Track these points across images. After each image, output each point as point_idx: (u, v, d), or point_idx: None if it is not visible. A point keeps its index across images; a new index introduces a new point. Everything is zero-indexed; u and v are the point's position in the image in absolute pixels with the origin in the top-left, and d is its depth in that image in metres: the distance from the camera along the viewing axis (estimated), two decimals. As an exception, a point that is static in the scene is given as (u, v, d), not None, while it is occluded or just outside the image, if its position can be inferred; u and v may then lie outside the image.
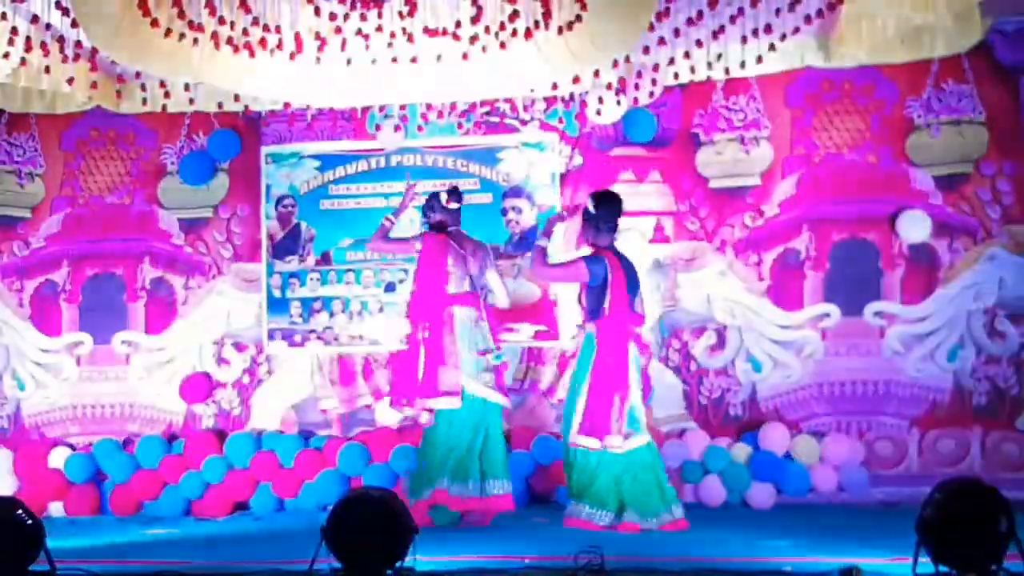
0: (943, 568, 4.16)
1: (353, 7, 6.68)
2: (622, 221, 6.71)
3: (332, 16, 6.68)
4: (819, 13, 6.77)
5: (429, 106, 7.88)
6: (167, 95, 7.89)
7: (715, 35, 6.94)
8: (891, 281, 7.92)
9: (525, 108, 8.22)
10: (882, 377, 7.88)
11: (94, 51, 7.16)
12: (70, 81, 7.32)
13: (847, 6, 6.78)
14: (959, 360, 7.79)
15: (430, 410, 6.71)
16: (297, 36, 6.79)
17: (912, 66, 7.85)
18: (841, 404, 7.93)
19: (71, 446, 8.45)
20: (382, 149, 8.34)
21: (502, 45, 6.66)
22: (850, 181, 8.02)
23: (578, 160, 8.32)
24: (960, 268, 7.84)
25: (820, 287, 8.01)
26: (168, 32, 6.56)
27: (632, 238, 7.73)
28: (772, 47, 6.95)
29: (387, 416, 8.25)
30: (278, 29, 6.81)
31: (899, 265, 7.91)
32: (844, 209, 8.01)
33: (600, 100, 7.76)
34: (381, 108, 7.98)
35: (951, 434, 7.79)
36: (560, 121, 8.19)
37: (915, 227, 7.78)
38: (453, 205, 6.90)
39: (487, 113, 8.26)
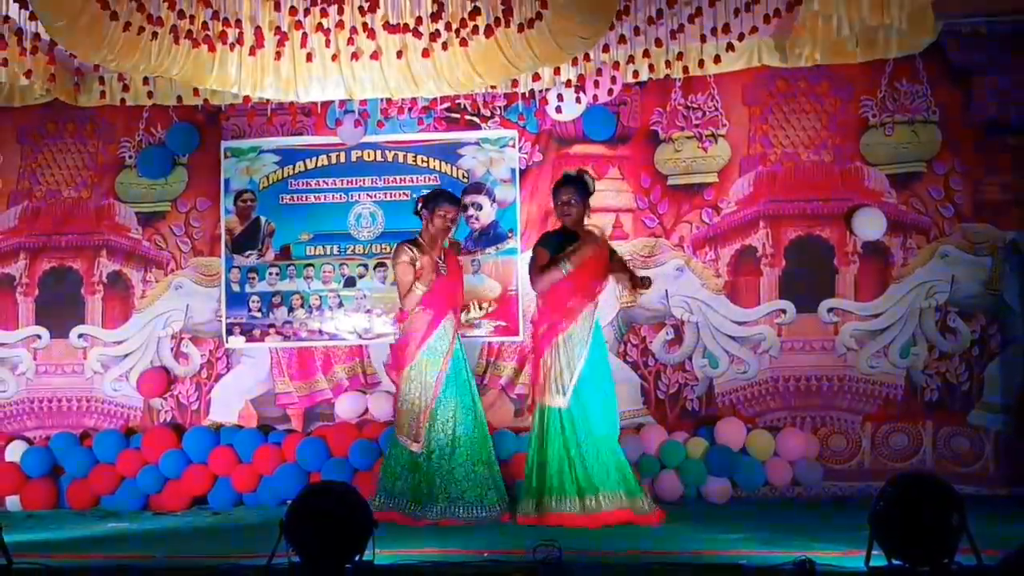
0: (896, 561, 4.23)
1: (314, 2, 6.66)
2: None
3: (293, 11, 6.65)
4: (776, 13, 6.82)
5: (390, 102, 7.88)
6: (125, 88, 7.85)
7: (674, 34, 6.99)
8: (845, 278, 8.02)
9: (485, 105, 8.26)
10: (836, 373, 7.98)
11: (52, 44, 7.10)
12: (28, 74, 7.25)
13: (803, 7, 6.84)
14: (911, 356, 7.89)
15: None
16: (257, 31, 6.76)
17: (867, 66, 7.95)
18: (796, 399, 8.02)
19: (28, 440, 8.40)
20: (342, 144, 8.33)
21: (463, 42, 6.66)
22: (805, 179, 8.11)
23: (538, 157, 8.36)
24: (913, 266, 7.95)
25: (776, 284, 8.09)
26: (127, 26, 6.50)
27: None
28: (730, 47, 7.00)
29: (346, 411, 8.27)
30: (238, 23, 6.78)
31: (853, 262, 8.01)
32: (799, 207, 8.10)
33: (560, 97, 7.79)
34: (341, 103, 7.97)
35: (903, 429, 7.90)
36: (520, 118, 8.21)
37: (870, 225, 7.87)
38: None
39: (448, 109, 8.28)
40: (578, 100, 7.81)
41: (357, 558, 4.43)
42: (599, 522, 6.28)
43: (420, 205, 7.06)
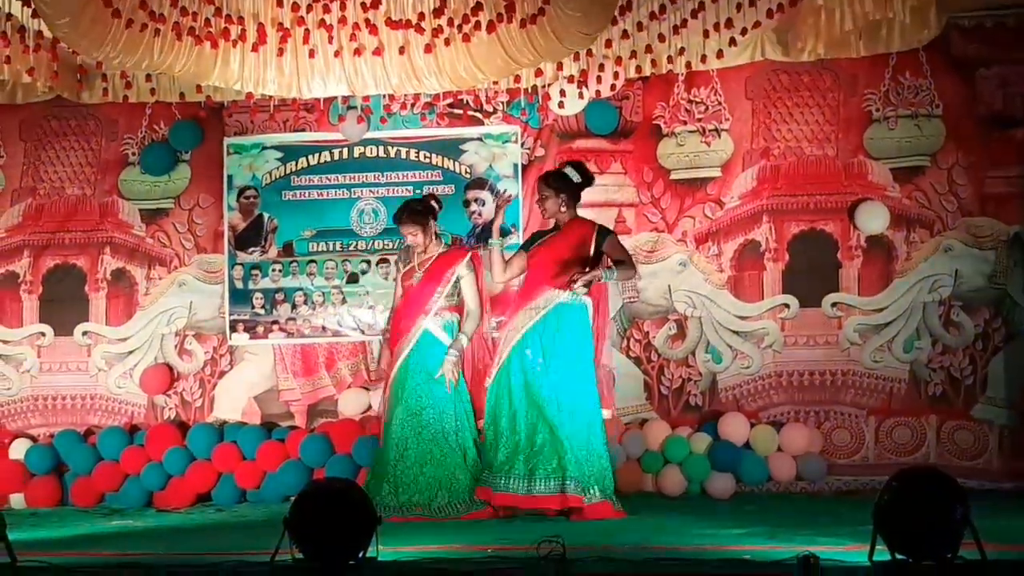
0: (899, 556, 4.23)
1: (316, -2, 6.68)
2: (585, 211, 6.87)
3: (295, 7, 6.67)
4: (779, 8, 6.82)
5: (392, 98, 7.88)
6: (128, 85, 7.87)
7: (677, 29, 6.99)
8: (849, 272, 8.00)
9: (488, 100, 8.25)
10: (840, 367, 7.96)
11: (55, 41, 7.11)
12: (31, 71, 7.27)
13: (806, 1, 6.84)
14: (915, 351, 7.88)
15: None
16: (260, 27, 6.78)
17: (870, 60, 7.94)
18: (799, 394, 8.00)
19: (32, 437, 8.42)
20: (345, 140, 8.32)
21: (465, 38, 6.67)
22: (809, 173, 8.09)
23: (540, 152, 8.35)
24: (917, 260, 7.92)
25: (779, 278, 8.08)
26: (129, 23, 6.52)
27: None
28: (733, 41, 7.00)
29: (349, 407, 8.27)
30: (240, 20, 6.79)
31: (857, 257, 7.99)
32: (803, 201, 8.08)
33: (562, 92, 7.78)
34: (344, 99, 7.98)
35: (907, 423, 7.89)
36: (523, 113, 8.22)
37: (873, 218, 7.86)
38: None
39: (450, 105, 8.27)
40: (580, 95, 7.80)
41: (360, 554, 4.43)
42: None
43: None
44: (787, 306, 8.03)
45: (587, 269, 6.35)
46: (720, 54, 7.14)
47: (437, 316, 6.78)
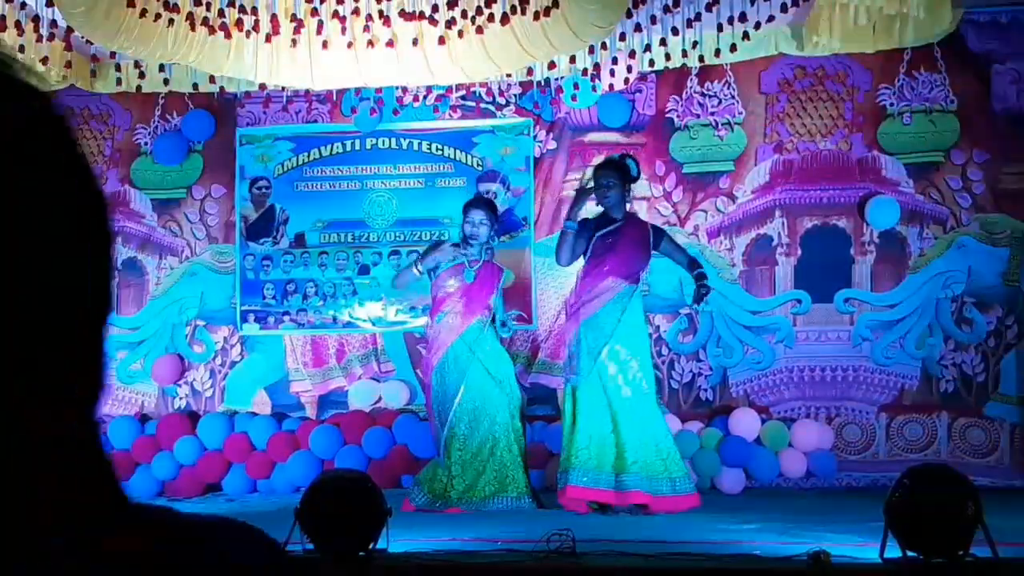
0: (911, 553, 4.22)
1: (330, -11, 6.67)
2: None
3: (309, -2, 6.67)
4: (794, 2, 6.80)
5: (405, 90, 7.88)
6: (142, 75, 7.86)
7: (691, 23, 6.97)
8: (861, 268, 7.99)
9: (501, 93, 8.24)
10: (851, 363, 7.95)
11: (69, 30, 7.11)
12: (44, 60, 7.27)
13: (821, -5, 6.82)
14: (927, 347, 7.86)
15: None
16: (273, 18, 6.77)
17: (885, 55, 7.89)
18: (810, 390, 7.99)
19: (43, 426, 8.42)
20: (357, 132, 8.32)
21: (479, 30, 6.66)
22: (822, 168, 8.08)
23: (552, 145, 8.34)
24: (930, 256, 7.90)
25: (791, 273, 8.06)
26: (144, 13, 6.51)
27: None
28: (747, 36, 6.98)
29: (359, 399, 8.28)
30: (254, 11, 6.78)
31: (870, 252, 7.97)
32: (816, 196, 8.06)
33: (575, 86, 7.78)
34: (357, 91, 7.97)
35: (919, 420, 7.87)
36: (535, 106, 8.20)
37: (882, 213, 7.84)
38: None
39: (463, 97, 8.26)
40: (593, 88, 7.79)
41: (371, 546, 4.44)
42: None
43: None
44: (799, 301, 8.02)
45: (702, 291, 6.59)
46: (734, 48, 7.12)
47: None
